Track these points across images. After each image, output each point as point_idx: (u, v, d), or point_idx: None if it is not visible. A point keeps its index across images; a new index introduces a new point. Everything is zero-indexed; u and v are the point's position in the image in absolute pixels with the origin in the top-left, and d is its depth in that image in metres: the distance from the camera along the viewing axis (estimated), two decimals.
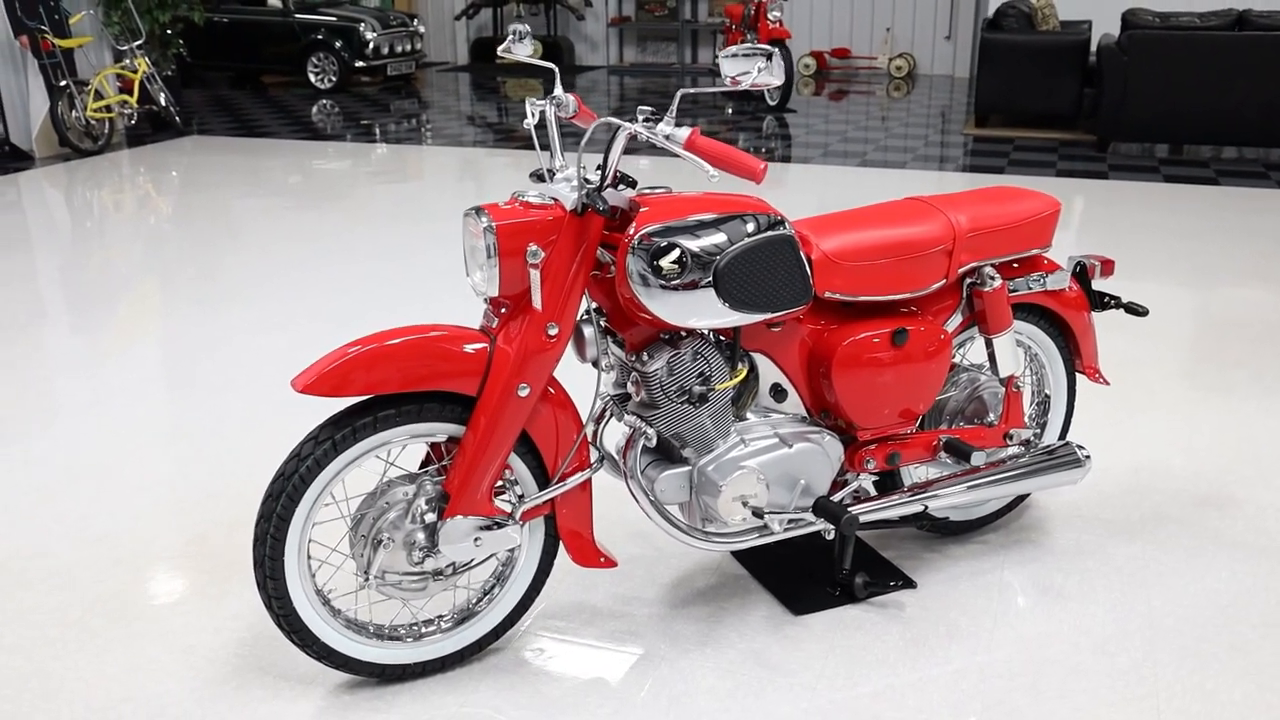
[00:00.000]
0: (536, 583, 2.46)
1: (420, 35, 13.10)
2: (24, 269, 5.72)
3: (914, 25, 13.42)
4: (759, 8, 10.43)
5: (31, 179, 8.14)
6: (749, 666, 2.45)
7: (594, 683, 2.40)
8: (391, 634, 2.38)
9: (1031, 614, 2.63)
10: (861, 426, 2.55)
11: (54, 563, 2.90)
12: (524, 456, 2.34)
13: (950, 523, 2.89)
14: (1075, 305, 2.82)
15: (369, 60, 12.30)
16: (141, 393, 4.03)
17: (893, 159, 8.20)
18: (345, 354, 2.13)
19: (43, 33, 8.55)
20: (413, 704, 2.34)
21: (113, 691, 2.39)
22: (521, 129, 9.98)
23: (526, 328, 2.21)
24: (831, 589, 2.70)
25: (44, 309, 5.04)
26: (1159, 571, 2.80)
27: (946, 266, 2.56)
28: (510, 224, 2.16)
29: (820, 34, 13.76)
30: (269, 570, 2.20)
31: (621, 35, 14.56)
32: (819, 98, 11.67)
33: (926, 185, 7.30)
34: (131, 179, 8.15)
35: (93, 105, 8.72)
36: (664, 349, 2.34)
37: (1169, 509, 3.10)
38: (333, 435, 2.18)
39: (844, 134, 9.32)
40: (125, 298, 5.22)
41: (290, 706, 2.34)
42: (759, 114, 10.48)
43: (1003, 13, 9.22)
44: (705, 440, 2.41)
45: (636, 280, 2.20)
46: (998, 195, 2.69)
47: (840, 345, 2.46)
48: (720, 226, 2.25)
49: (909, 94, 11.93)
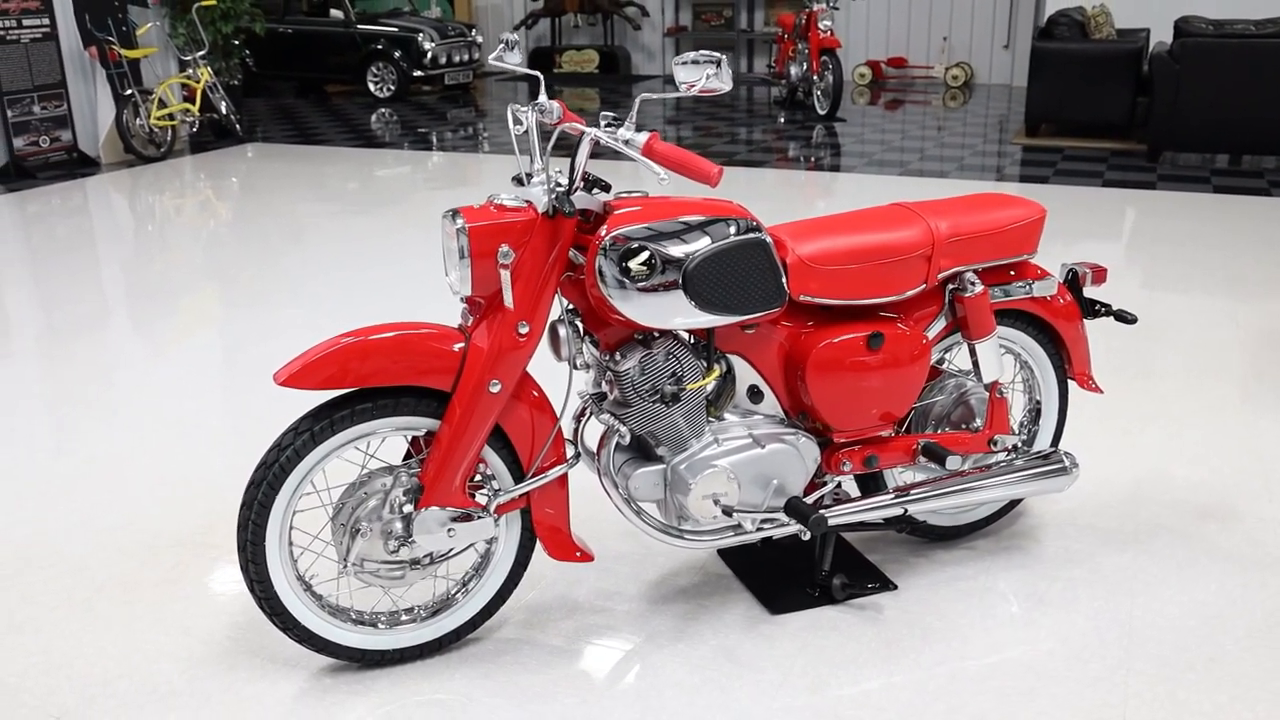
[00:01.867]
0: (514, 575, 2.53)
1: (478, 45, 13.31)
2: (88, 268, 5.95)
3: (972, 34, 13.31)
4: (810, 17, 10.44)
5: (97, 184, 8.45)
6: (719, 662, 2.49)
7: (566, 674, 2.46)
8: (371, 620, 2.46)
9: (1010, 620, 2.63)
10: (837, 429, 2.58)
11: (69, 548, 3.04)
12: (500, 451, 2.41)
13: (937, 528, 2.91)
14: (1065, 312, 2.82)
15: (427, 70, 12.53)
16: (175, 388, 4.18)
17: (936, 168, 8.16)
18: (324, 349, 2.22)
19: (110, 43, 8.88)
20: (390, 689, 2.42)
21: (110, 669, 2.51)
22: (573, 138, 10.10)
23: (498, 326, 2.28)
24: (811, 590, 2.73)
25: (105, 306, 5.25)
26: (1146, 582, 2.78)
27: (926, 272, 2.58)
28: (482, 226, 2.23)
29: (877, 43, 13.71)
30: (251, 555, 2.29)
31: (678, 45, 14.64)
32: (874, 107, 11.62)
33: (959, 193, 7.24)
34: (192, 184, 8.42)
35: (156, 113, 9.02)
36: (637, 349, 2.40)
37: (1167, 519, 3.07)
38: (312, 427, 2.27)
39: (891, 143, 9.29)
40: (178, 296, 5.41)
41: (273, 687, 2.43)
42: (808, 123, 10.48)
43: (1055, 21, 9.12)
44: (679, 439, 2.47)
45: (606, 281, 2.26)
46: (982, 202, 2.71)
47: (815, 348, 2.50)
48: (691, 229, 2.31)
49: (965, 103, 11.84)
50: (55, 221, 7.22)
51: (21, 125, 8.50)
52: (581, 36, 15.18)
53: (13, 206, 7.71)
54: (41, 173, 8.59)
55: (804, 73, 10.80)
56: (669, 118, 11.32)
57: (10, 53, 8.37)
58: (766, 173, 8.19)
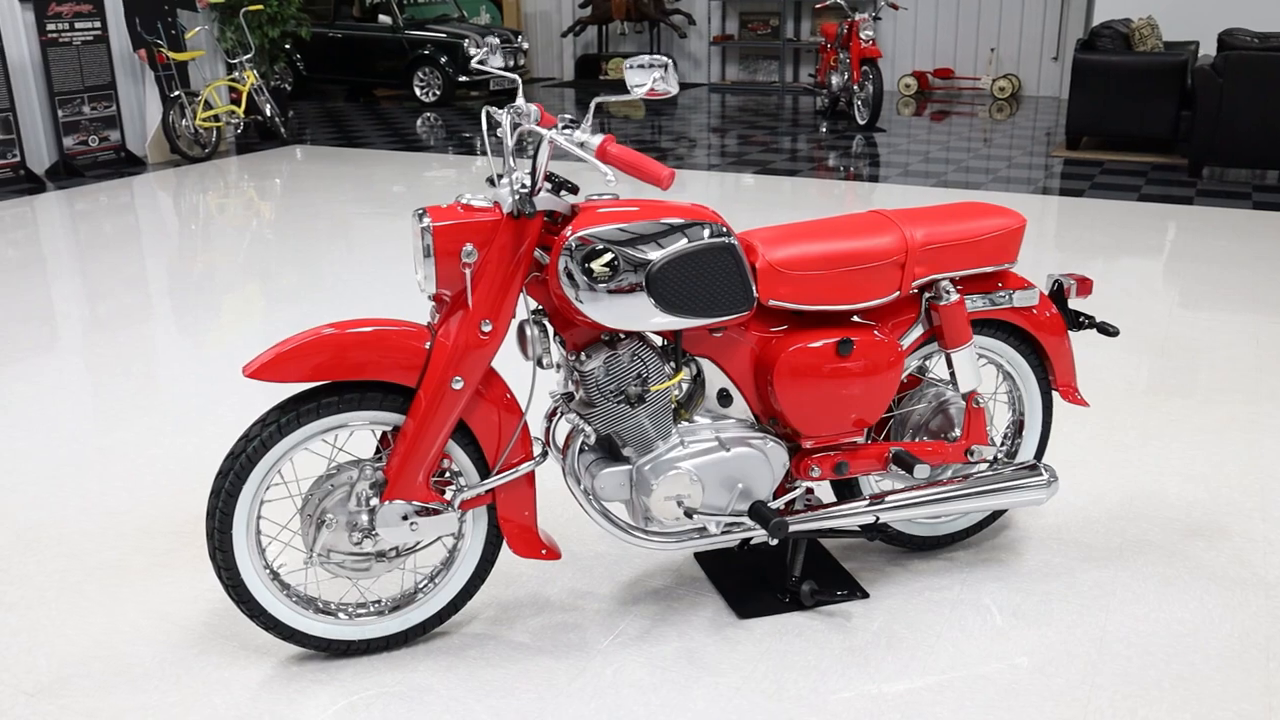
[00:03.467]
0: (480, 571, 2.56)
1: (524, 51, 13.43)
2: (132, 264, 6.10)
3: (1020, 46, 13.17)
4: (852, 27, 10.40)
5: (143, 182, 8.66)
6: (680, 664, 2.50)
7: (527, 670, 2.49)
8: (339, 611, 2.51)
9: (978, 632, 2.61)
10: (805, 434, 2.58)
11: (66, 532, 3.13)
12: (466, 448, 2.45)
13: (915, 537, 2.89)
14: (1048, 324, 2.80)
15: (472, 75, 12.67)
16: (204, 381, 4.28)
17: (970, 180, 8.09)
18: (292, 343, 2.27)
19: (159, 46, 9.10)
20: (354, 679, 2.47)
21: (88, 649, 2.58)
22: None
23: (462, 324, 2.32)
24: (781, 596, 2.73)
25: (147, 301, 5.39)
26: (1124, 599, 2.74)
27: (899, 279, 2.58)
28: (446, 225, 2.27)
29: (924, 54, 13.62)
30: (218, 542, 2.35)
31: (724, 53, 14.66)
32: (918, 118, 11.54)
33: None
34: (236, 184, 8.59)
35: (201, 115, 9.22)
36: (602, 349, 2.42)
37: (1154, 536, 3.03)
38: (279, 419, 2.32)
39: (928, 154, 9.22)
40: (217, 292, 5.53)
41: (241, 672, 2.49)
42: (848, 133, 10.44)
43: (1098, 33, 9.01)
44: (644, 440, 2.48)
45: (568, 282, 2.29)
46: (961, 211, 2.69)
47: (784, 353, 2.50)
48: (656, 232, 2.33)
49: (1011, 115, 11.71)
50: (102, 218, 7.41)
51: (71, 125, 8.73)
52: (628, 44, 15.25)
53: (62, 203, 7.93)
54: (89, 171, 8.83)
55: (845, 82, 10.76)
56: (713, 125, 11.33)
57: (62, 54, 8.61)
58: (796, 181, 8.17)
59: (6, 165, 8.26)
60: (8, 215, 7.54)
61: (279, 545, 2.94)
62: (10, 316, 5.18)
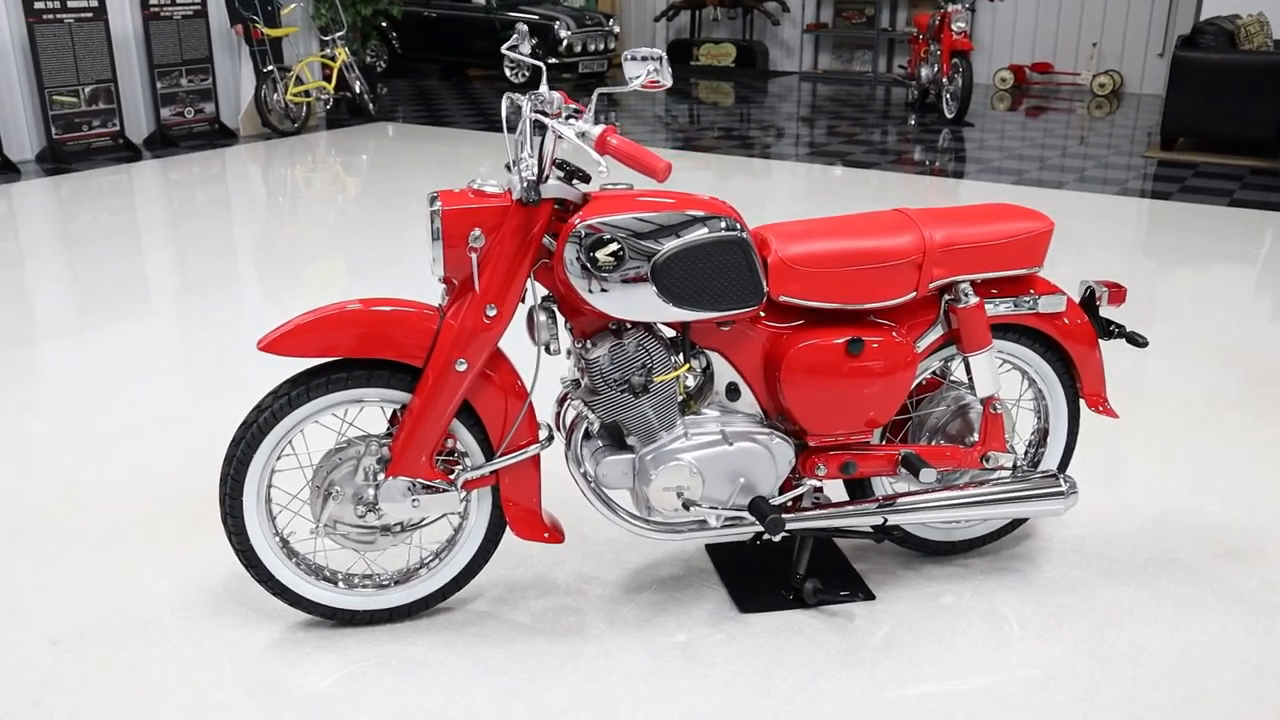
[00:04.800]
0: (484, 550, 2.60)
1: (615, 35, 13.45)
2: (220, 233, 6.31)
3: (1124, 41, 12.74)
4: (944, 18, 10.19)
5: (234, 154, 8.92)
6: (674, 654, 2.51)
7: (522, 650, 2.52)
8: (345, 581, 2.58)
9: (982, 641, 2.57)
10: (812, 432, 2.56)
11: (111, 493, 3.26)
12: (472, 429, 2.49)
13: (930, 541, 2.85)
14: (1076, 331, 2.73)
15: (561, 57, 12.74)
16: (257, 350, 4.42)
17: (1053, 179, 7.87)
18: (304, 319, 2.34)
19: (254, 22, 9.35)
20: (355, 648, 2.53)
21: (111, 604, 2.69)
22: (710, 133, 10.14)
23: (468, 307, 2.36)
24: (786, 592, 2.72)
25: (233, 269, 5.57)
26: (1140, 616, 2.67)
27: (916, 280, 2.54)
28: (455, 209, 2.31)
29: (1022, 47, 13.27)
30: (229, 508, 2.43)
31: (817, 42, 14.49)
32: (1013, 113, 11.26)
33: (1068, 205, 6.98)
34: (323, 159, 8.79)
35: (293, 90, 9.45)
36: (608, 338, 2.44)
37: (1184, 555, 2.94)
38: (290, 392, 2.39)
39: (1013, 150, 9.00)
40: (300, 263, 5.69)
41: (251, 635, 2.57)
42: (934, 126, 10.24)
43: (1201, 30, 8.67)
44: (648, 430, 2.49)
45: (573, 270, 2.31)
46: (987, 213, 2.64)
47: (792, 349, 2.49)
48: (664, 223, 2.33)
49: (1111, 113, 11.35)
50: (194, 188, 7.67)
51: (169, 96, 9.03)
52: (721, 30, 15.17)
53: (157, 172, 8.22)
54: (184, 142, 9.12)
55: (934, 74, 10.56)
56: (803, 115, 11.22)
57: (163, 28, 8.91)
58: (875, 174, 8.05)
59: (106, 134, 8.59)
60: (106, 182, 7.84)
61: (291, 515, 3.03)
62: (104, 281, 5.39)
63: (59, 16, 8.15)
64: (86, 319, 4.81)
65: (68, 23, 8.20)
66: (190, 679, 2.42)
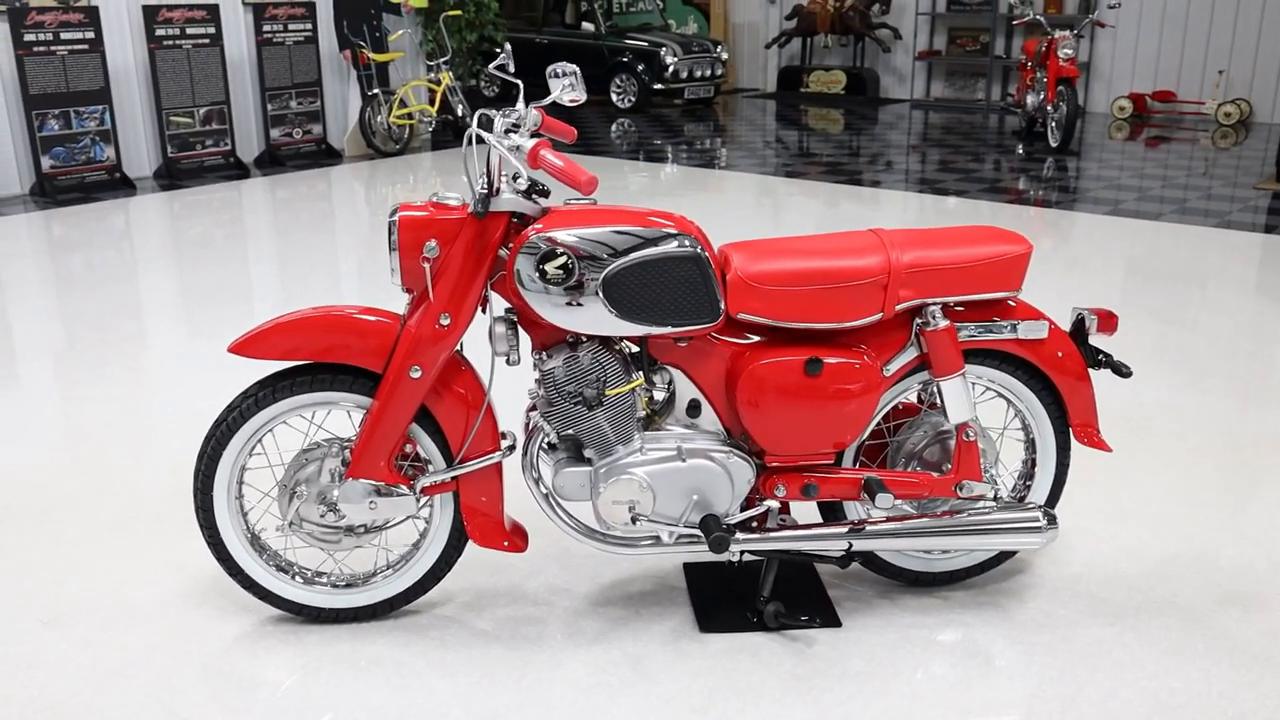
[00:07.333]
0: (446, 556, 2.65)
1: (722, 62, 13.51)
2: (323, 247, 6.60)
3: (1254, 68, 12.17)
4: (1051, 44, 9.93)
5: (339, 173, 9.29)
6: (622, 670, 2.51)
7: (475, 657, 2.56)
8: (311, 578, 2.66)
9: (942, 676, 2.49)
10: (769, 452, 2.54)
11: (139, 482, 3.44)
12: (433, 435, 2.55)
13: (907, 570, 2.78)
14: (1060, 359, 2.63)
15: (667, 84, 12.86)
16: None
17: (1149, 209, 7.57)
18: (269, 323, 2.44)
19: (362, 47, 9.73)
20: (317, 645, 2.61)
21: (101, 588, 2.84)
22: (820, 160, 10.11)
23: (422, 316, 2.42)
24: (750, 615, 2.69)
25: (334, 282, 5.83)
26: (1118, 660, 2.55)
27: (881, 301, 2.49)
28: (409, 218, 2.38)
29: (1144, 75, 12.80)
30: (201, 502, 2.54)
31: (930, 69, 14.27)
32: (1129, 143, 10.86)
33: (1153, 236, 6.70)
34: (424, 179, 9.07)
35: (396, 112, 9.79)
36: (563, 350, 2.47)
37: (1184, 600, 2.79)
38: (258, 393, 2.49)
39: (1113, 180, 8.69)
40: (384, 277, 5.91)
41: (223, 626, 2.68)
42: (1038, 155, 9.96)
43: None
44: (603, 443, 2.51)
45: (522, 282, 2.35)
46: (962, 235, 2.57)
47: (748, 367, 2.47)
48: (617, 238, 2.35)
49: (1237, 143, 10.85)
50: (299, 205, 8.02)
51: (278, 118, 9.47)
52: (832, 57, 15.08)
53: (264, 189, 8.63)
54: (291, 161, 9.54)
55: (1040, 102, 10.28)
56: (909, 143, 11.06)
57: (275, 53, 9.35)
58: (963, 202, 7.88)
59: (218, 153, 9.05)
60: (216, 198, 8.27)
61: (262, 512, 3.14)
62: (211, 292, 5.68)
63: (178, 42, 8.64)
64: (193, 324, 5.08)
65: (186, 48, 8.69)
66: (157, 663, 2.53)
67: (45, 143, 8.06)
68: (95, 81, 8.20)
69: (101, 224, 7.34)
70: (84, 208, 7.83)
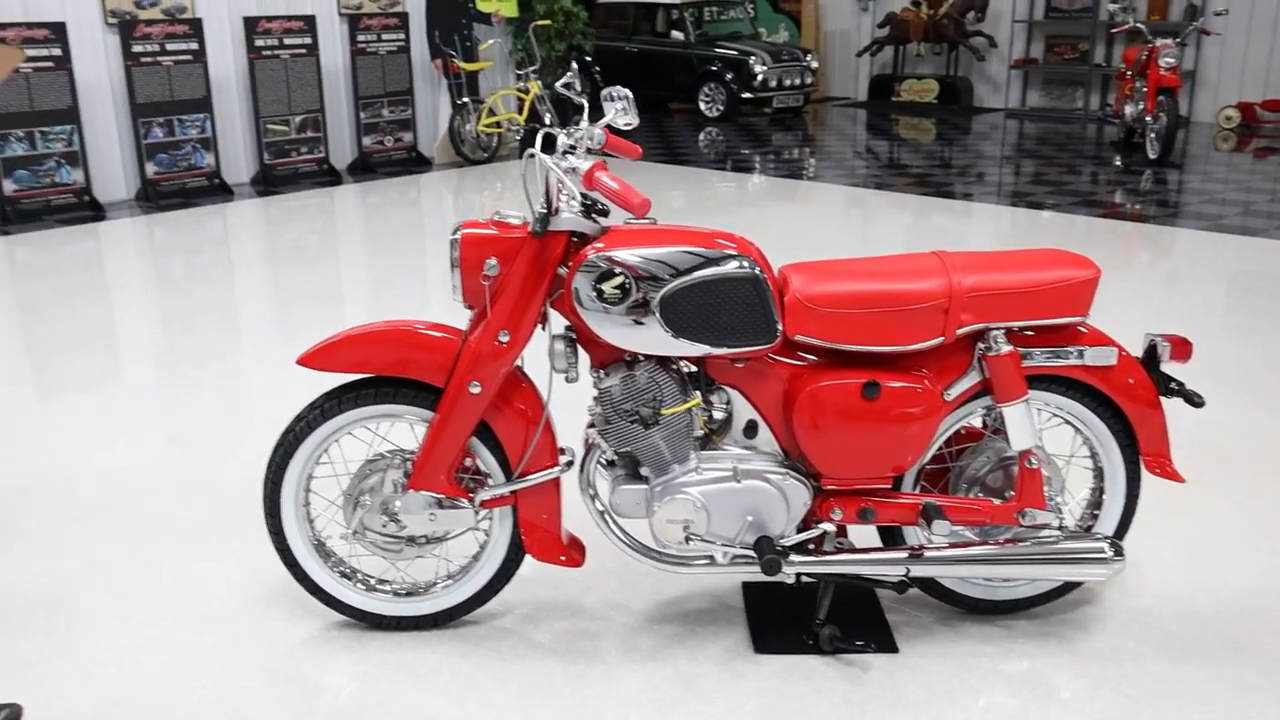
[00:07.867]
0: (505, 569, 2.69)
1: (812, 70, 13.43)
2: (412, 253, 6.76)
3: None
4: (1151, 53, 9.65)
5: (428, 180, 9.47)
6: (674, 688, 2.52)
7: (529, 669, 2.59)
8: (376, 586, 2.72)
9: (1002, 706, 2.44)
10: (825, 475, 2.52)
11: (222, 486, 3.56)
12: (493, 450, 2.59)
13: (969, 598, 2.74)
14: (1130, 387, 2.56)
15: (756, 92, 12.83)
16: None
17: (1255, 225, 7.30)
18: (337, 336, 2.51)
19: (452, 57, 9.91)
20: (378, 651, 2.67)
21: (183, 590, 2.95)
22: (910, 172, 10.00)
23: (482, 333, 2.46)
24: (806, 637, 2.68)
25: (421, 288, 5.97)
26: (1186, 698, 2.47)
27: (942, 325, 2.46)
28: (471, 235, 2.43)
29: (1253, 83, 12.36)
30: (269, 509, 2.62)
31: (1026, 78, 13.98)
32: (1236, 155, 10.50)
33: (1253, 252, 6.46)
34: (512, 186, 9.21)
35: (485, 121, 9.94)
36: (621, 369, 2.49)
37: (1262, 640, 2.69)
38: (324, 404, 2.56)
39: (1215, 195, 8.40)
40: None
41: (290, 630, 2.76)
42: (1135, 168, 9.69)
43: None
44: (659, 462, 2.52)
45: (580, 300, 2.38)
46: (1028, 259, 2.52)
47: (805, 390, 2.46)
48: (675, 259, 2.37)
49: None
50: (389, 211, 8.20)
51: (371, 126, 9.69)
52: (925, 66, 14.87)
53: (356, 196, 8.84)
54: (382, 168, 9.75)
55: (1139, 112, 9.99)
56: (1005, 155, 10.86)
57: (368, 63, 9.57)
58: (1056, 217, 7.70)
59: (313, 160, 9.30)
60: (310, 204, 8.50)
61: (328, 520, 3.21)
62: (303, 296, 5.86)
63: (276, 52, 8.90)
64: (285, 328, 5.24)
65: (284, 58, 8.95)
66: (225, 664, 2.62)
67: (150, 150, 8.38)
68: (198, 90, 8.50)
69: (201, 228, 7.61)
70: (184, 212, 8.12)
